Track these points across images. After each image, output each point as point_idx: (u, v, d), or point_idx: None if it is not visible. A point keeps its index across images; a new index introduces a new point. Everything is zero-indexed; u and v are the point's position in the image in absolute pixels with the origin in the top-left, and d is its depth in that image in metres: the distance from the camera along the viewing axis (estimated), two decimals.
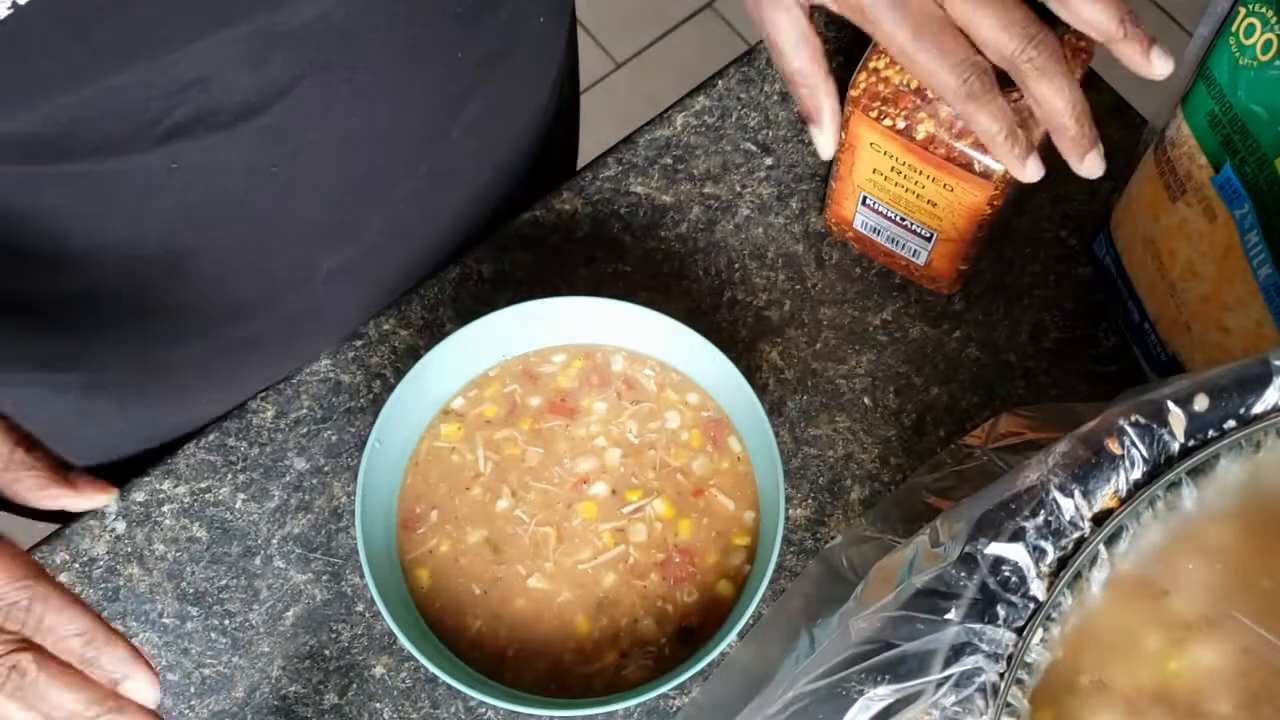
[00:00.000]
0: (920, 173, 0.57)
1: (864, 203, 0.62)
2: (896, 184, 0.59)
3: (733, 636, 0.54)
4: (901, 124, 0.56)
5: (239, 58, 0.51)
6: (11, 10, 0.42)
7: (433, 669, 0.53)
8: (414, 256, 0.68)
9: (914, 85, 0.55)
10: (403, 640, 0.54)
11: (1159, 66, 0.49)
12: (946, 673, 0.39)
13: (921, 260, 0.63)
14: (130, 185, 0.54)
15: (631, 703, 0.54)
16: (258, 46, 0.51)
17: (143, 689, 0.45)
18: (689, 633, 0.56)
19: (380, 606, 0.54)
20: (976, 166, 0.55)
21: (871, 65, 0.56)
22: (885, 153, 0.57)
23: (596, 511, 0.58)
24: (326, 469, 0.63)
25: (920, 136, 0.55)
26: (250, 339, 0.66)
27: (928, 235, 0.61)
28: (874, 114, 0.56)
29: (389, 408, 0.57)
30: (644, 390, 0.61)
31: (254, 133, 0.54)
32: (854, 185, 0.61)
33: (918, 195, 0.58)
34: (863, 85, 0.56)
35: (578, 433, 0.60)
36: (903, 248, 0.63)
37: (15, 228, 0.54)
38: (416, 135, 0.62)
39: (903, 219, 0.61)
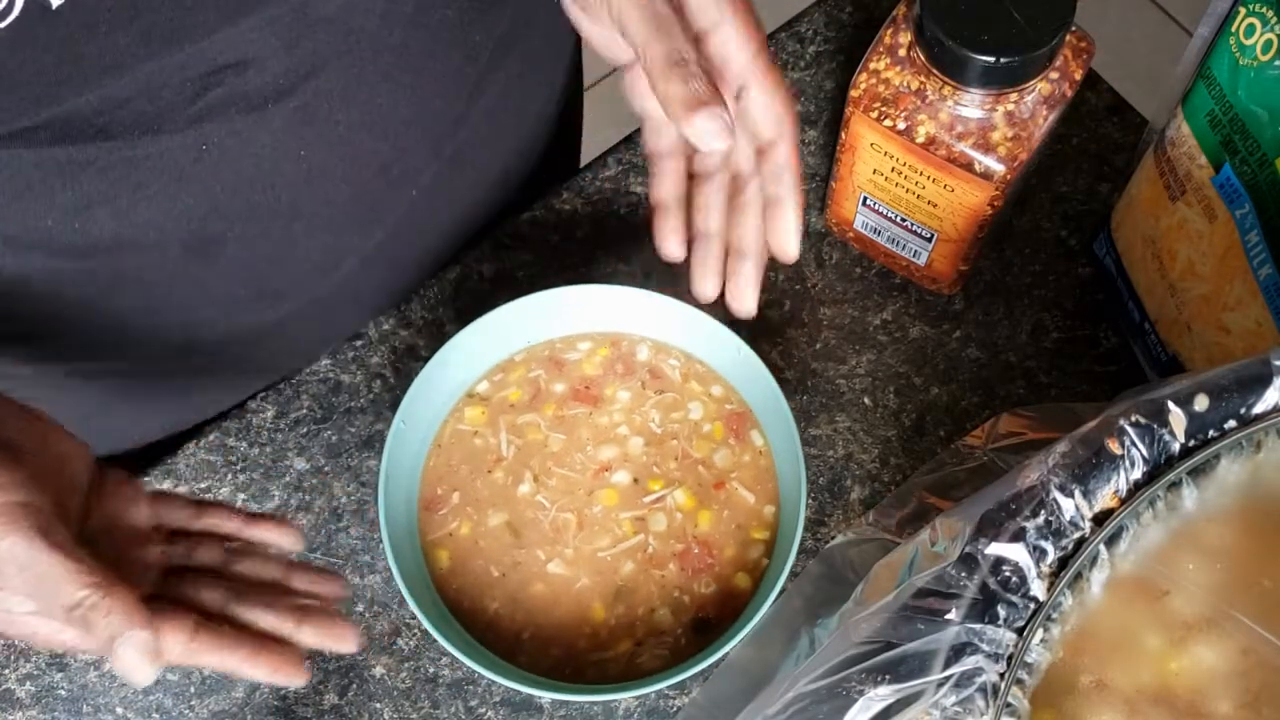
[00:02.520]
0: (921, 173, 0.57)
1: (864, 203, 0.62)
2: (897, 184, 0.59)
3: (749, 630, 0.54)
4: (902, 125, 0.56)
5: (274, 40, 0.51)
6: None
7: (450, 649, 0.53)
8: (435, 241, 0.68)
9: (914, 86, 0.55)
10: (423, 620, 0.54)
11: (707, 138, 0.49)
12: (947, 673, 0.39)
13: (922, 261, 0.63)
14: (162, 168, 0.54)
15: (645, 690, 0.54)
16: (291, 30, 0.52)
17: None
18: (704, 624, 0.56)
19: (401, 586, 0.54)
20: (977, 167, 0.55)
21: (872, 66, 0.56)
22: (886, 153, 0.57)
23: (617, 499, 0.59)
24: (326, 469, 0.63)
25: (921, 138, 0.55)
26: (276, 324, 0.66)
27: (928, 236, 0.61)
28: (874, 115, 0.56)
29: (414, 389, 0.58)
30: (668, 380, 0.61)
31: (283, 115, 0.55)
32: (854, 186, 0.61)
33: (918, 196, 0.58)
34: (863, 86, 0.56)
35: (601, 420, 0.60)
36: (903, 248, 0.63)
37: (48, 214, 0.54)
38: (438, 118, 0.63)
39: (903, 219, 0.61)
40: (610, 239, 0.68)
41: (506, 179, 0.71)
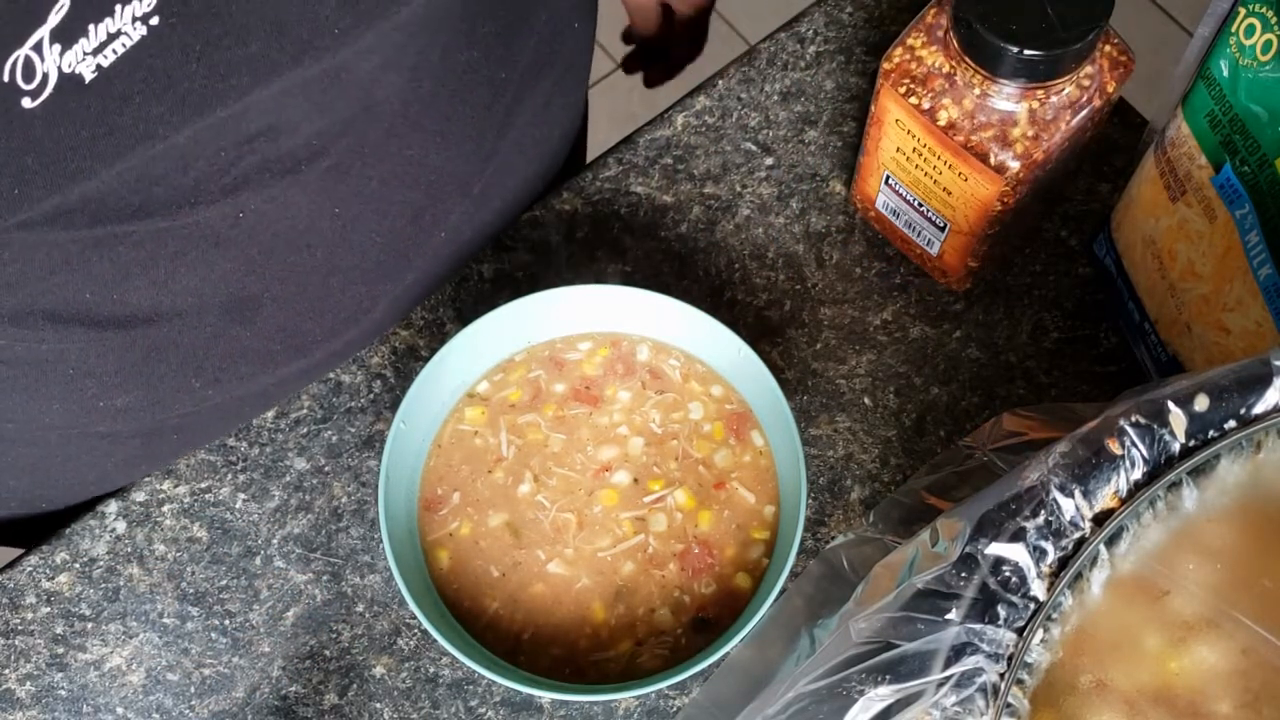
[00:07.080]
0: (939, 157, 0.57)
1: (887, 182, 0.62)
2: (917, 166, 0.59)
3: (749, 630, 0.54)
4: (927, 104, 0.56)
5: (305, 103, 0.51)
6: (96, 74, 0.43)
7: (449, 649, 0.53)
8: (456, 264, 0.68)
9: (946, 69, 0.55)
10: (422, 620, 0.54)
11: None
12: (947, 673, 0.39)
13: (935, 251, 0.63)
14: (200, 236, 0.54)
15: (645, 690, 0.54)
16: (324, 93, 0.52)
17: None
18: (705, 624, 0.57)
19: (400, 586, 0.54)
20: (991, 160, 0.55)
21: (909, 42, 0.57)
22: (909, 131, 0.58)
23: (618, 500, 0.59)
24: (326, 469, 0.63)
25: (942, 120, 0.56)
26: (307, 369, 0.66)
27: (942, 225, 0.61)
28: (902, 90, 0.56)
29: (415, 389, 0.57)
30: (669, 380, 0.61)
31: (317, 175, 0.55)
32: (879, 162, 0.61)
33: (935, 181, 0.59)
34: (896, 59, 0.57)
35: (601, 420, 0.60)
36: (918, 235, 0.63)
37: (86, 286, 0.53)
38: (468, 159, 0.63)
39: (920, 204, 0.61)
40: (610, 239, 0.68)
41: (528, 199, 0.71)
